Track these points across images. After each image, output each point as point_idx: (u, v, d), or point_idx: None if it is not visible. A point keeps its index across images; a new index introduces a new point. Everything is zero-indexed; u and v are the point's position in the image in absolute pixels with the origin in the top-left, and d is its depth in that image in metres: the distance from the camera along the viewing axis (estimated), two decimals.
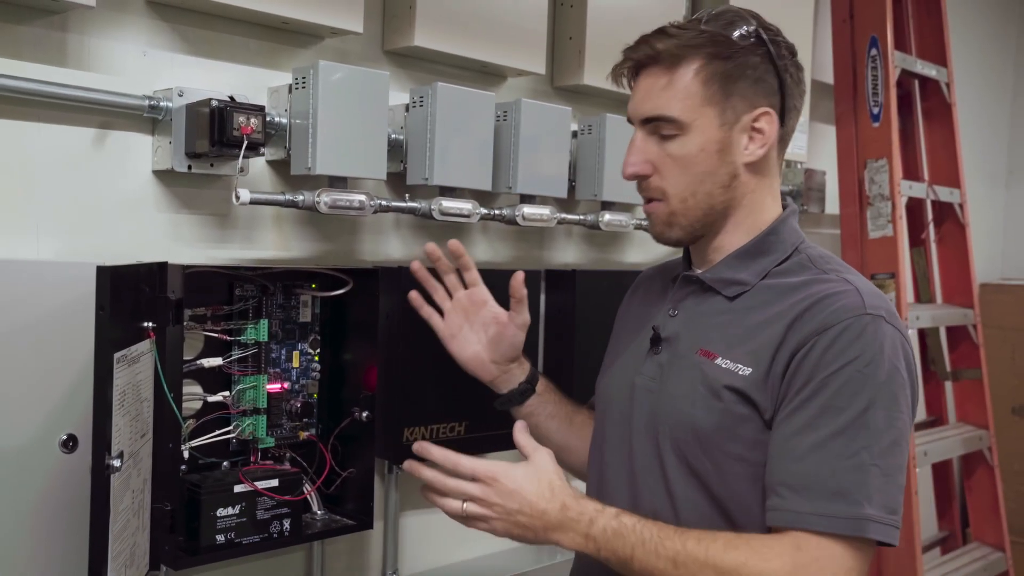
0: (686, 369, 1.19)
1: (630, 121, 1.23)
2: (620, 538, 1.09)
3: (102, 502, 0.99)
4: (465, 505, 1.14)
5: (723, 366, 1.14)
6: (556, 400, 1.46)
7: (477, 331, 1.45)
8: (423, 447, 1.20)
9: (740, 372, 1.13)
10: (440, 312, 1.46)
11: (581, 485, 1.33)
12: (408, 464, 1.22)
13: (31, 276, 1.16)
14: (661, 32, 1.19)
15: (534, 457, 1.18)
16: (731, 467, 1.14)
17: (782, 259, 1.22)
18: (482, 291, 1.45)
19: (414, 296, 1.46)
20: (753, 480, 1.13)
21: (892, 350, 1.09)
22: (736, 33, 1.17)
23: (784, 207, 1.27)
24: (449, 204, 1.58)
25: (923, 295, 2.93)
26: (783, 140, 1.22)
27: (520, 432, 1.22)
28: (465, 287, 1.46)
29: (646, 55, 1.18)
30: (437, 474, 1.17)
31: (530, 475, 1.14)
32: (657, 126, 1.18)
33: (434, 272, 1.46)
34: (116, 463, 1.00)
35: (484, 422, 1.66)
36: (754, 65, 1.17)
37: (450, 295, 1.46)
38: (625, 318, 1.41)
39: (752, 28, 1.18)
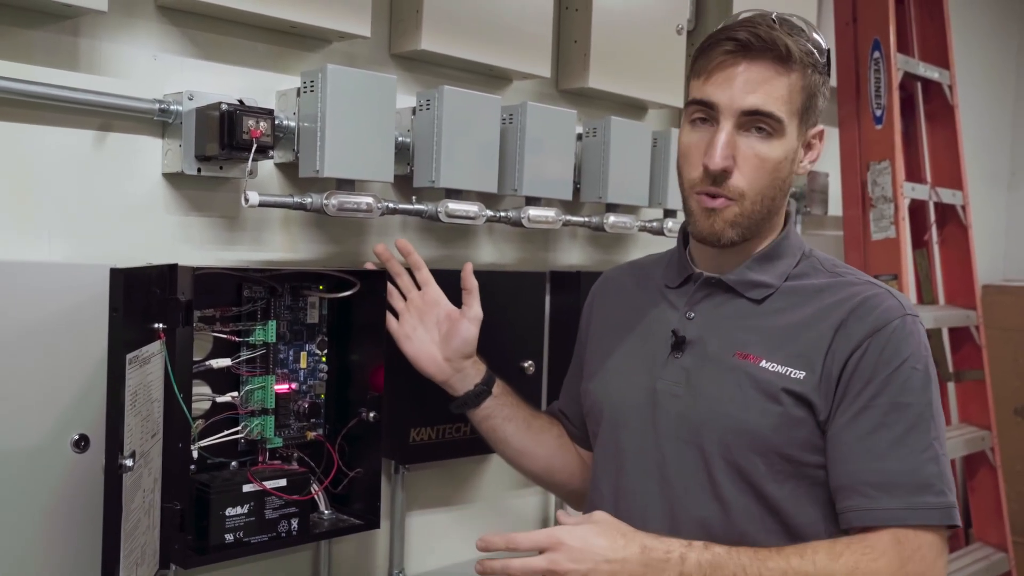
0: (725, 372, 1.19)
1: (706, 104, 1.16)
2: (719, 569, 1.06)
3: (115, 501, 1.01)
4: None
5: (772, 369, 1.15)
6: (513, 403, 1.46)
7: (431, 330, 1.46)
8: (486, 542, 1.13)
9: (793, 375, 1.14)
10: (396, 314, 1.48)
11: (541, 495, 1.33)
12: (478, 567, 1.13)
13: (42, 278, 1.17)
14: (784, 26, 1.15)
15: (594, 516, 1.14)
16: (782, 467, 1.15)
17: (795, 263, 1.24)
18: (434, 290, 1.47)
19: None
20: (800, 478, 1.16)
21: (926, 345, 1.16)
22: (823, 48, 1.19)
23: (787, 214, 1.29)
24: (455, 206, 1.59)
25: (926, 296, 2.95)
26: None
27: (564, 517, 1.15)
28: (418, 287, 1.47)
29: (766, 47, 1.12)
30: (502, 562, 1.10)
31: (595, 530, 1.10)
32: (756, 121, 1.14)
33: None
34: (129, 463, 1.02)
35: None
36: (824, 84, 1.20)
37: (404, 296, 1.47)
38: (603, 323, 1.40)
39: (826, 49, 1.19)
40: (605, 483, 1.31)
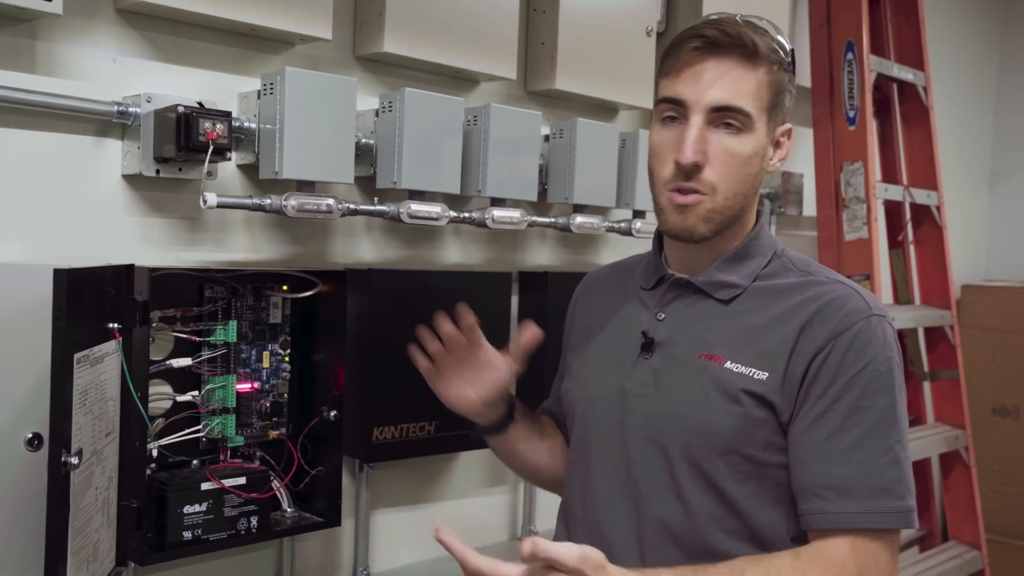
0: (690, 373, 1.19)
1: (675, 102, 1.16)
2: None
3: (59, 499, 1.02)
4: None
5: (735, 370, 1.15)
6: (529, 421, 1.40)
7: (467, 370, 1.33)
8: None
9: (756, 376, 1.14)
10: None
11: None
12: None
13: None
14: (748, 25, 1.16)
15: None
16: (744, 468, 1.15)
17: (766, 263, 1.24)
18: (476, 334, 1.32)
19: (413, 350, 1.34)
20: (762, 479, 1.15)
21: (893, 346, 1.15)
22: (787, 47, 1.20)
23: (758, 213, 1.30)
24: (417, 207, 1.61)
25: (901, 296, 2.96)
26: None
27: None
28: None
29: (732, 43, 1.13)
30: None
31: None
32: (724, 116, 1.14)
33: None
34: (74, 460, 1.03)
35: (453, 422, 1.66)
36: (791, 82, 1.21)
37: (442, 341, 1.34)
38: (584, 323, 1.41)
39: (790, 49, 1.20)
40: (576, 481, 1.31)
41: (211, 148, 1.31)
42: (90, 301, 1.15)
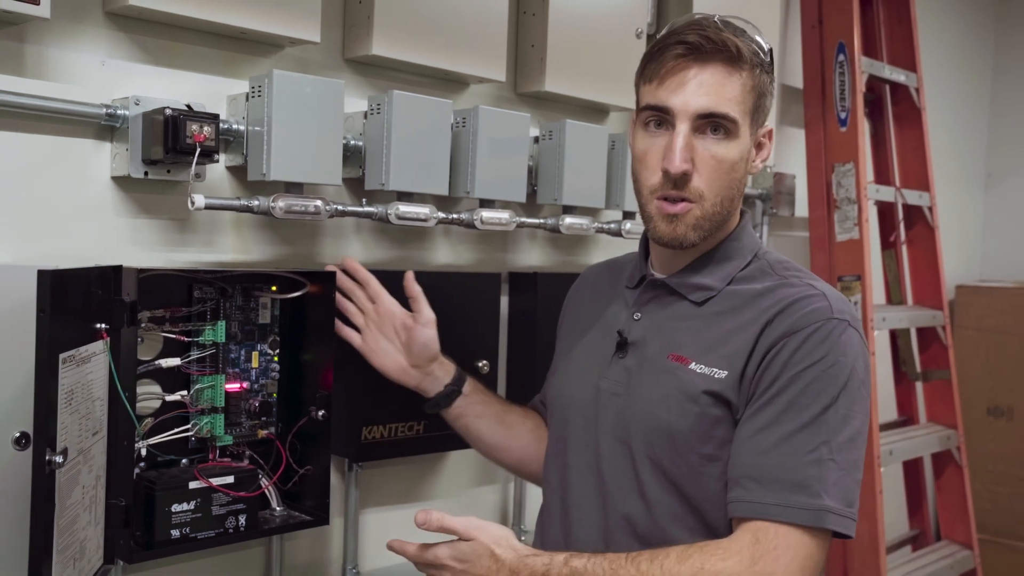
0: (658, 374, 1.21)
1: (660, 110, 1.17)
2: None
3: (44, 497, 1.03)
4: None
5: (698, 371, 1.17)
6: (484, 400, 1.49)
7: (392, 340, 1.49)
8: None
9: (716, 376, 1.16)
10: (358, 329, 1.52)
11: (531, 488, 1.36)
12: (391, 544, 1.28)
13: None
14: (729, 28, 1.17)
15: (467, 531, 1.19)
16: (704, 467, 1.17)
17: (744, 265, 1.25)
18: (387, 302, 1.50)
19: (336, 323, 1.51)
20: (722, 478, 1.17)
21: (854, 353, 1.14)
22: (764, 50, 1.21)
23: (742, 213, 1.31)
24: (406, 208, 1.62)
25: (894, 297, 2.97)
26: None
27: (442, 520, 1.22)
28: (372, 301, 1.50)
29: (716, 49, 1.14)
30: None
31: (467, 552, 1.17)
32: (711, 122, 1.15)
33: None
34: (59, 459, 1.04)
35: (442, 422, 1.69)
36: (771, 83, 1.22)
37: (362, 311, 1.51)
38: (575, 318, 1.43)
39: (769, 48, 1.22)
40: (554, 476, 1.34)
41: (198, 150, 1.32)
42: (76, 301, 1.16)
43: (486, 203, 1.77)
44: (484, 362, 1.80)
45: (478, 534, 1.17)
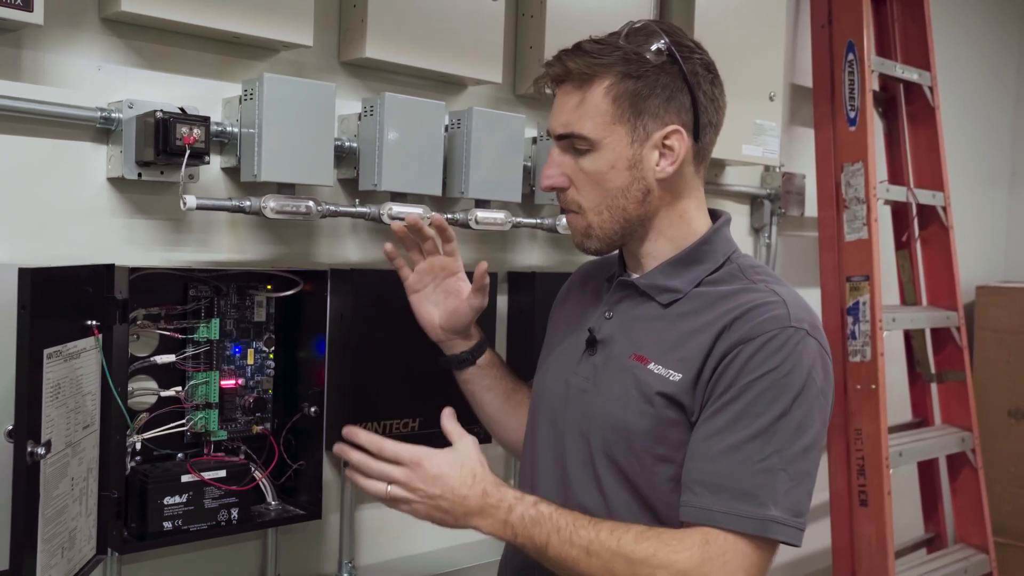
0: (620, 373, 1.23)
1: (549, 135, 1.28)
2: (537, 525, 1.14)
3: (25, 486, 1.07)
4: (389, 488, 1.19)
5: (655, 371, 1.19)
6: (497, 375, 1.50)
7: (439, 295, 1.49)
8: (350, 431, 1.25)
9: (671, 378, 1.17)
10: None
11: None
12: (337, 447, 1.27)
13: None
14: (577, 49, 1.23)
15: (458, 444, 1.23)
16: (657, 468, 1.19)
17: (714, 268, 1.26)
18: (457, 262, 1.50)
19: (389, 248, 1.50)
20: (677, 479, 1.18)
21: (811, 362, 1.14)
22: (650, 50, 1.20)
23: (717, 217, 1.32)
24: (399, 209, 1.64)
25: (908, 297, 2.95)
26: (700, 155, 1.25)
27: (447, 419, 1.28)
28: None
29: (558, 72, 1.23)
30: (363, 457, 1.22)
31: (453, 461, 1.19)
32: (571, 142, 1.22)
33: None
34: (41, 451, 1.08)
35: (438, 419, 1.71)
36: (664, 84, 1.20)
37: (424, 256, 1.50)
38: (560, 315, 1.46)
39: (665, 45, 1.20)
40: (527, 465, 1.37)
41: (188, 152, 1.35)
42: (64, 299, 1.20)
43: (482, 203, 1.79)
44: None
45: (459, 446, 1.22)
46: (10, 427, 1.23)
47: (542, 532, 1.13)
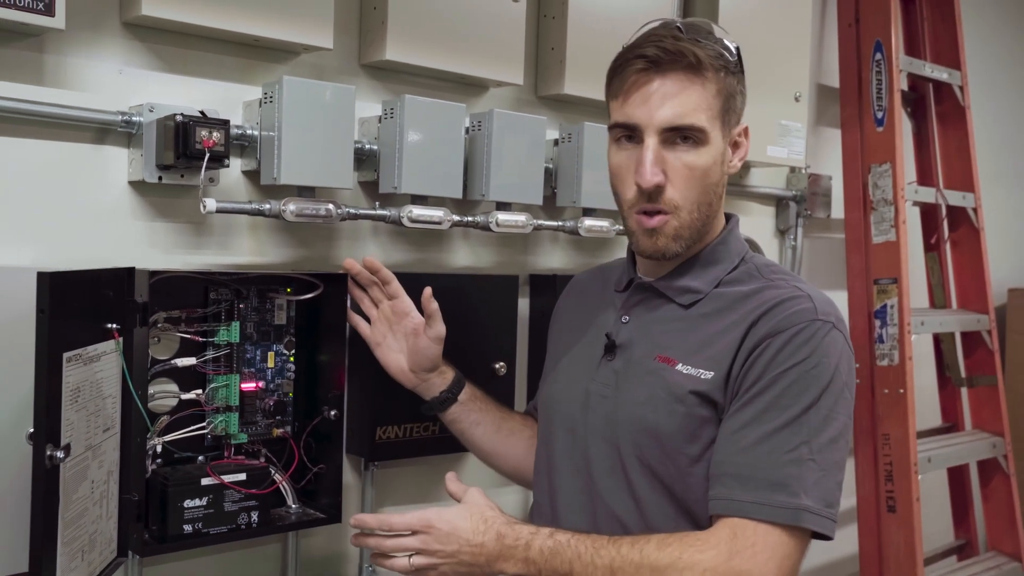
0: (645, 375, 1.22)
1: (627, 127, 1.18)
2: (557, 556, 1.13)
3: (43, 490, 1.07)
4: (411, 559, 1.20)
5: (685, 372, 1.18)
6: (482, 408, 1.51)
7: (399, 340, 1.52)
8: (359, 520, 1.26)
9: (702, 376, 1.17)
10: (367, 319, 1.55)
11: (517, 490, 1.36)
12: (353, 540, 1.29)
13: (1, 281, 1.25)
14: (689, 31, 1.17)
15: (465, 497, 1.24)
16: (692, 469, 1.18)
17: (731, 268, 1.26)
18: (404, 302, 1.51)
19: (348, 310, 1.54)
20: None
21: (838, 356, 1.14)
22: (730, 48, 1.21)
23: (728, 217, 1.31)
24: (420, 212, 1.64)
25: (937, 300, 2.90)
26: None
27: (449, 482, 1.30)
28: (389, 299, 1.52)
29: (675, 59, 1.14)
30: (379, 539, 1.23)
31: (462, 513, 1.20)
32: (679, 133, 1.16)
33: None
34: (60, 455, 1.08)
35: None
36: (741, 81, 1.22)
37: (376, 304, 1.54)
38: (564, 323, 1.44)
39: (735, 45, 1.22)
40: (543, 478, 1.36)
41: (207, 155, 1.36)
42: (83, 302, 1.20)
43: (503, 206, 1.78)
44: (501, 364, 1.81)
45: (466, 498, 1.22)
46: (32, 430, 1.24)
47: (563, 561, 1.13)
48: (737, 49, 1.21)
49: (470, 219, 1.75)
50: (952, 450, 2.68)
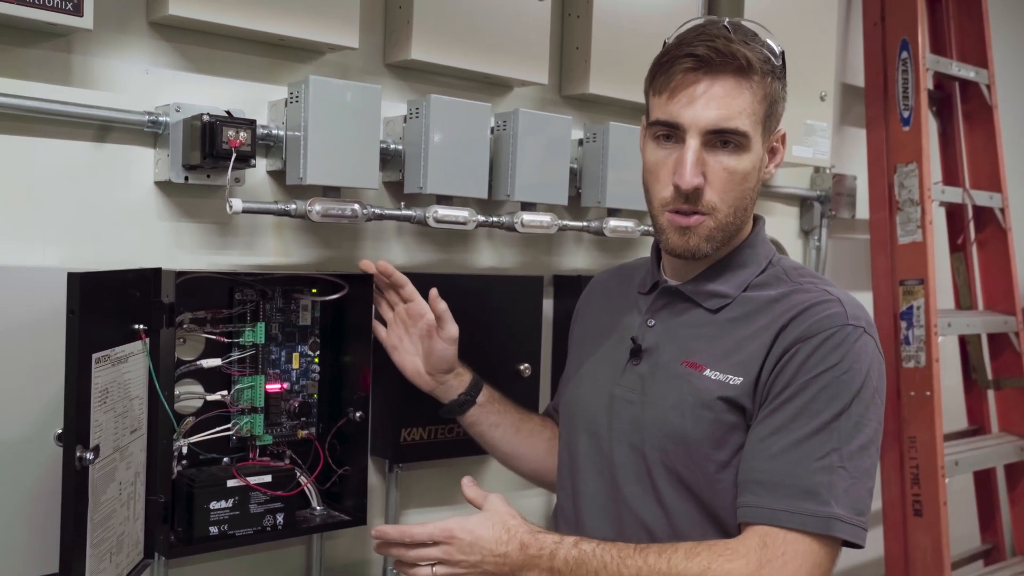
0: (671, 380, 1.20)
1: (670, 125, 1.16)
2: (582, 566, 1.11)
3: (73, 492, 1.07)
4: (434, 569, 1.17)
5: (713, 377, 1.16)
6: (500, 410, 1.50)
7: (415, 343, 1.51)
8: (380, 532, 1.23)
9: (731, 382, 1.15)
10: (384, 323, 1.54)
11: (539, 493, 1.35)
12: (377, 548, 1.26)
13: (32, 281, 1.25)
14: (738, 33, 1.15)
15: (486, 504, 1.22)
16: (720, 475, 1.16)
17: (759, 271, 1.24)
18: (419, 305, 1.50)
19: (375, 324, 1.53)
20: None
21: (869, 361, 1.13)
22: (775, 52, 1.19)
23: (756, 220, 1.29)
24: (445, 212, 1.63)
25: (963, 302, 2.87)
26: None
27: (467, 488, 1.27)
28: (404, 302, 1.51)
29: (726, 61, 1.12)
30: (400, 550, 1.21)
31: (484, 522, 1.17)
32: (722, 136, 1.14)
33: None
34: (90, 456, 1.07)
35: None
36: (783, 87, 1.21)
37: (392, 307, 1.53)
38: (586, 325, 1.43)
39: (780, 48, 1.20)
40: (567, 482, 1.34)
41: (234, 155, 1.35)
42: (112, 303, 1.20)
43: (527, 206, 1.77)
44: (526, 365, 1.80)
45: (487, 505, 1.20)
46: (59, 431, 1.24)
47: (589, 571, 1.11)
48: (782, 53, 1.19)
49: (495, 219, 1.73)
50: (979, 453, 2.64)
